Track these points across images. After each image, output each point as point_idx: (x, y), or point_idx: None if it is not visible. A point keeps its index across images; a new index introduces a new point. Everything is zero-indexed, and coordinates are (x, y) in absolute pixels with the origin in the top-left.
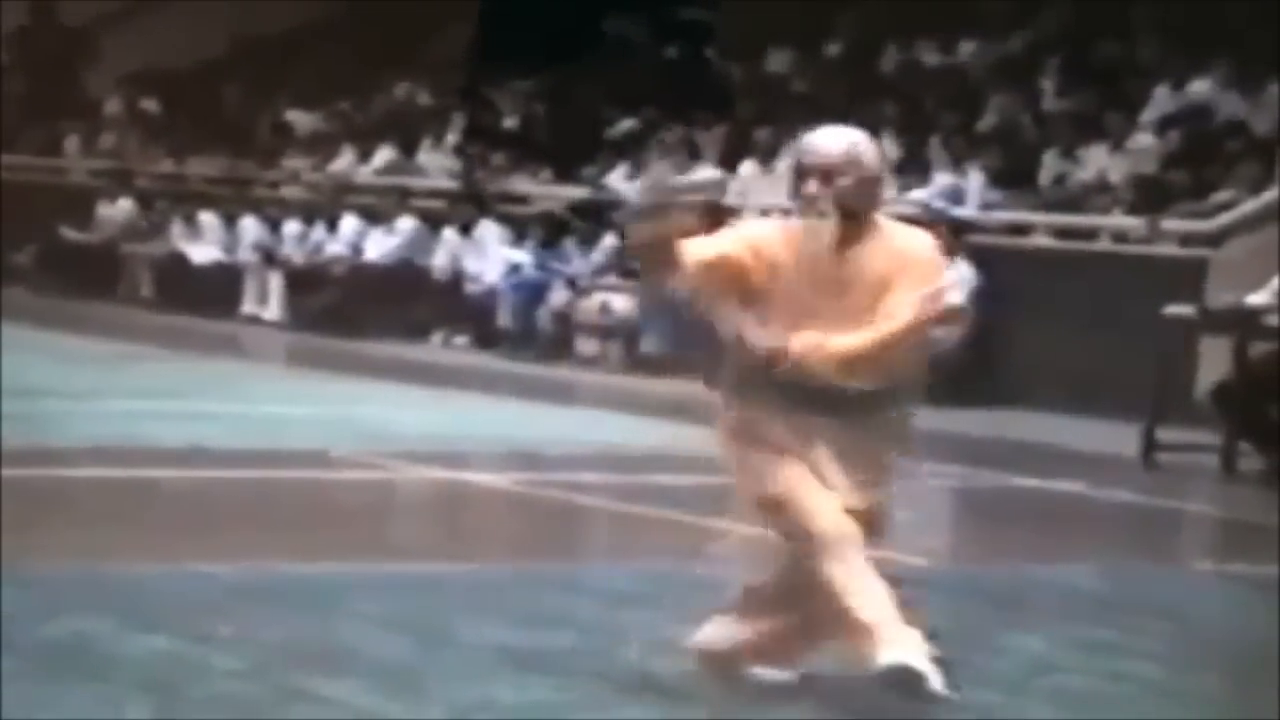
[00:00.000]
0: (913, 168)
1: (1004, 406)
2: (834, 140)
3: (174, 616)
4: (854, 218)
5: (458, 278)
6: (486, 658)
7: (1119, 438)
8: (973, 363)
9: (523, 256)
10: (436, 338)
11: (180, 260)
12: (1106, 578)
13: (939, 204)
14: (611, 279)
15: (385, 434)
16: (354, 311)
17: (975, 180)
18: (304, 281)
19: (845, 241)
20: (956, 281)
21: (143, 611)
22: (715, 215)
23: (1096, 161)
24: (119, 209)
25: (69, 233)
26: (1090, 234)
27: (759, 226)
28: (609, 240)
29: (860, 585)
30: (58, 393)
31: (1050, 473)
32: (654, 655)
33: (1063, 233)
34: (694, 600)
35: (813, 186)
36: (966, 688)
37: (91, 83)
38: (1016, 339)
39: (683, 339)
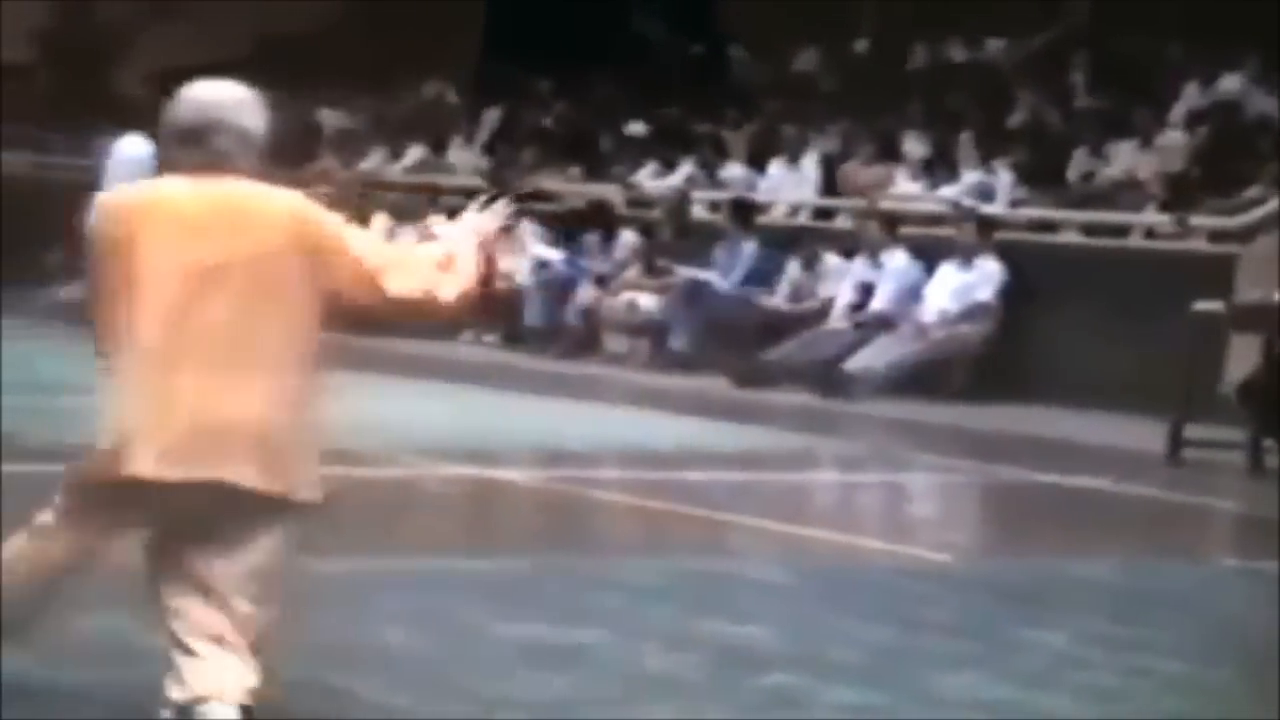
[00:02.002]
0: (942, 165)
1: (1030, 402)
2: None
3: None
4: None
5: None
6: (511, 654)
7: (1145, 434)
8: (999, 358)
9: (555, 254)
10: (466, 335)
11: None
12: (1130, 574)
13: (968, 201)
14: (634, 275)
15: (412, 431)
16: None
17: (1004, 177)
18: None
19: None
20: None
21: None
22: None
23: (1125, 158)
24: None
25: None
26: (1119, 231)
27: None
28: (629, 237)
29: None
30: (81, 389)
31: (1075, 469)
32: (676, 652)
33: (1091, 230)
34: (717, 596)
35: None
36: (989, 683)
37: (122, 82)
38: (1044, 335)
39: (710, 337)
